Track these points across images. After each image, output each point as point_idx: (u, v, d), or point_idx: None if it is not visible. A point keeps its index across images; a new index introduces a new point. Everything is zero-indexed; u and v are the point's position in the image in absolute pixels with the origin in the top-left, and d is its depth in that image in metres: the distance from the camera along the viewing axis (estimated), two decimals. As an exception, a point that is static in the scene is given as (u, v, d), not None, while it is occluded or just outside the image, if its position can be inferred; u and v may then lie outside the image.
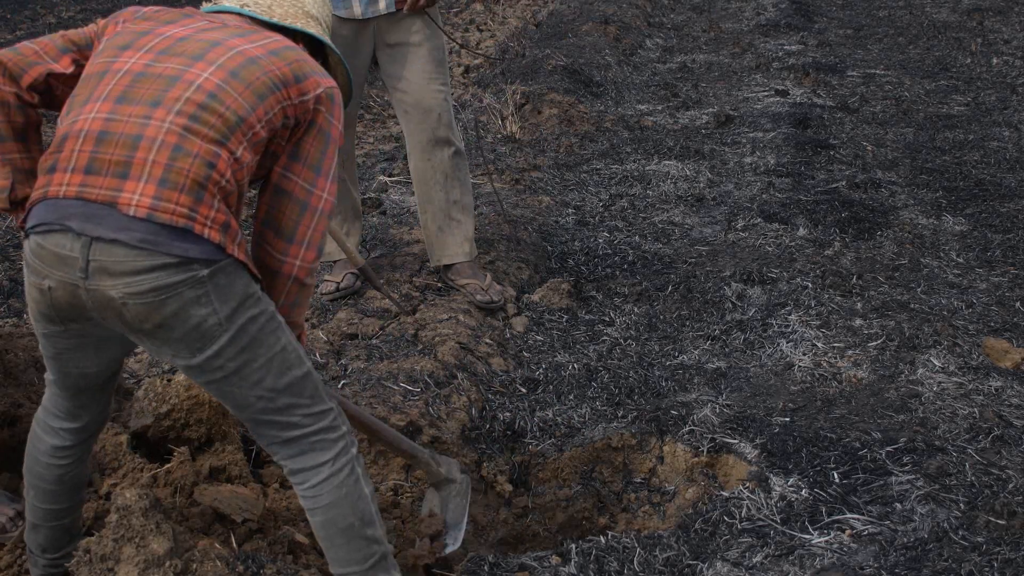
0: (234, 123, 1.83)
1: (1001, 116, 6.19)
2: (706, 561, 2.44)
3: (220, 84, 1.85)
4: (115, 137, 1.79)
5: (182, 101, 1.81)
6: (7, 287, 4.02)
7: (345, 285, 3.76)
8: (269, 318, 1.90)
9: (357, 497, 2.02)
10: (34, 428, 2.11)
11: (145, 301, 1.76)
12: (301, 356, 1.95)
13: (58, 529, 2.13)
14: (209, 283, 1.78)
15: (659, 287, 4.07)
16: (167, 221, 1.74)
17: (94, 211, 1.75)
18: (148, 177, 1.75)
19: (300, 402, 1.95)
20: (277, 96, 1.91)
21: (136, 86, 1.84)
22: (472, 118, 6.23)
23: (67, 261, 1.77)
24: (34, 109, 2.00)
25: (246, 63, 1.90)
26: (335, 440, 2.01)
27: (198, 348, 1.83)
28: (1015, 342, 3.39)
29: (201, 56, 1.89)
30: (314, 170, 1.99)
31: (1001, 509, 2.45)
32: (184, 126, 1.79)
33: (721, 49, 8.57)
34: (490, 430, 3.13)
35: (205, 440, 2.73)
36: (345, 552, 2.04)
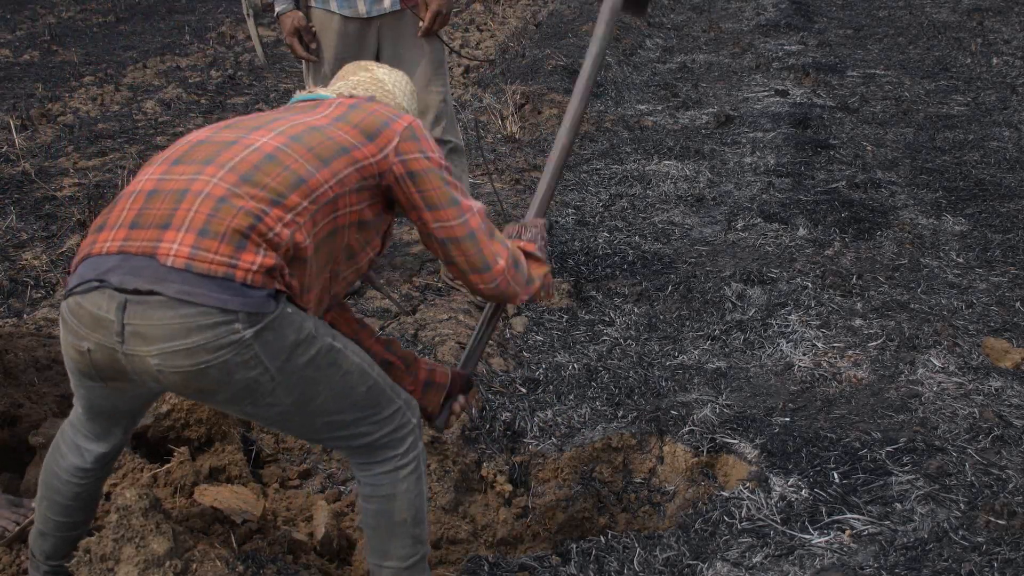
0: (293, 183, 1.81)
1: (1001, 116, 6.19)
2: (706, 561, 2.44)
3: (280, 147, 1.85)
4: (163, 194, 1.77)
5: (236, 160, 1.81)
6: (7, 287, 4.03)
7: (345, 285, 3.76)
8: (327, 352, 1.83)
9: (416, 494, 2.02)
10: (58, 441, 2.06)
11: (183, 369, 1.69)
12: (364, 369, 1.92)
13: (66, 539, 2.13)
14: (256, 343, 1.70)
15: (659, 287, 4.07)
16: (205, 271, 1.67)
17: (134, 264, 1.69)
18: (188, 227, 1.70)
19: (367, 414, 1.94)
20: (346, 159, 1.91)
21: (194, 151, 1.86)
22: (472, 118, 6.24)
23: (103, 323, 1.70)
24: None
25: (308, 130, 1.91)
26: (405, 436, 2.00)
27: (250, 403, 1.79)
28: (1015, 342, 3.39)
29: (262, 126, 1.91)
30: (451, 205, 2.04)
31: (1001, 509, 2.45)
32: (234, 183, 1.76)
33: (721, 49, 8.57)
34: (490, 430, 3.13)
35: (205, 440, 2.73)
36: (390, 546, 2.03)
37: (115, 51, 9.69)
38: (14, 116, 6.74)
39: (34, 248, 4.43)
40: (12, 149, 6.02)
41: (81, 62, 9.16)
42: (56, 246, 4.44)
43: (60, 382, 2.86)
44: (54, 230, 4.65)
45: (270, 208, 1.76)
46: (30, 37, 10.34)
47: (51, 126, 6.73)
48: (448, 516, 2.80)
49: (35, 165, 5.68)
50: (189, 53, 9.38)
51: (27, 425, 2.63)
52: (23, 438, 2.59)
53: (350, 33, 3.46)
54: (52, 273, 4.13)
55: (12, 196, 5.15)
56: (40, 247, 4.44)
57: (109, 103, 7.45)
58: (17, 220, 4.75)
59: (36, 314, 3.65)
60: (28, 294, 3.94)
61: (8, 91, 7.90)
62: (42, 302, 3.85)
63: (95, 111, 7.20)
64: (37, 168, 5.62)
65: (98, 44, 10.10)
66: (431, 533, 2.74)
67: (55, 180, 5.43)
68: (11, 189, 5.27)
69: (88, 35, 10.59)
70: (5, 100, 7.51)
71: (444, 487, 2.83)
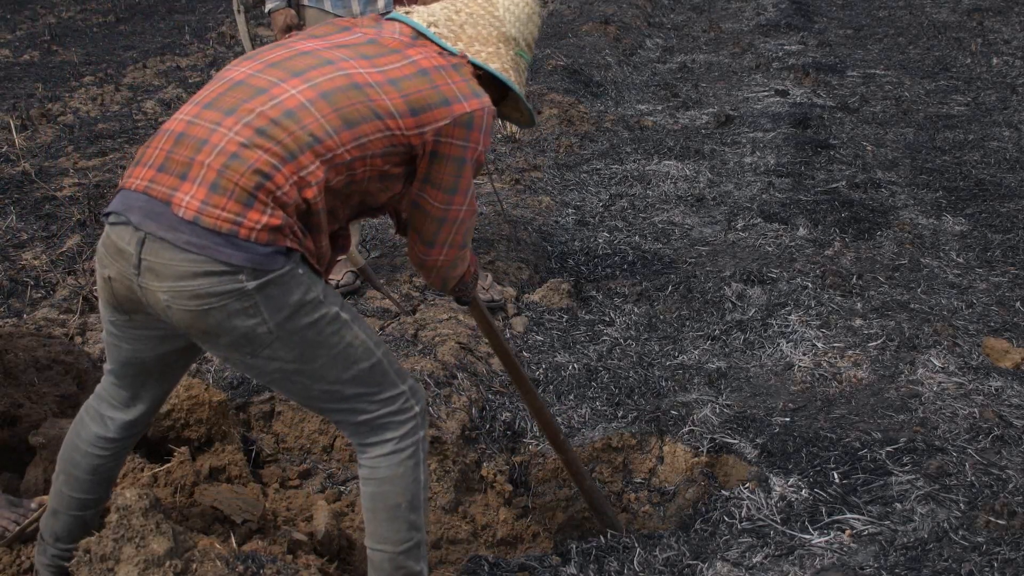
0: (307, 143, 1.82)
1: (1001, 116, 6.19)
2: (706, 561, 2.43)
3: (304, 103, 1.84)
4: (188, 139, 1.82)
5: (255, 114, 1.82)
6: (7, 287, 4.02)
7: (345, 283, 3.77)
8: (331, 319, 1.87)
9: (412, 480, 2.02)
10: (81, 415, 2.11)
11: (188, 308, 1.77)
12: (369, 347, 1.94)
13: (78, 520, 2.13)
14: (258, 295, 1.77)
15: (659, 287, 4.07)
16: (211, 226, 1.74)
17: (153, 207, 1.78)
18: (201, 181, 1.77)
19: (368, 391, 1.95)
20: (376, 124, 1.89)
21: (227, 95, 1.87)
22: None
23: (124, 255, 1.80)
24: None
25: (346, 87, 1.88)
26: (405, 421, 2.01)
27: (249, 352, 1.83)
28: (1015, 342, 3.39)
29: (301, 72, 1.89)
30: (449, 192, 2.03)
31: (1001, 509, 2.45)
32: (248, 137, 1.79)
33: (721, 49, 8.57)
34: (490, 430, 3.13)
35: (205, 440, 2.73)
36: (385, 529, 2.04)
37: (115, 51, 9.69)
38: (14, 116, 6.74)
39: (34, 248, 4.43)
40: (12, 149, 6.02)
41: (81, 62, 9.16)
42: (56, 246, 4.44)
43: (60, 382, 2.86)
44: (54, 230, 4.65)
45: (282, 165, 1.79)
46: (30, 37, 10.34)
47: (51, 126, 6.73)
48: (448, 516, 2.80)
49: (35, 165, 5.68)
50: (189, 53, 9.38)
51: (27, 425, 2.63)
52: (23, 438, 2.59)
53: None
54: (52, 273, 4.13)
55: (12, 196, 5.15)
56: (40, 247, 4.44)
57: (109, 103, 7.45)
58: (17, 220, 4.75)
59: (36, 314, 3.65)
60: (28, 294, 3.93)
61: (8, 91, 7.90)
62: (42, 302, 3.85)
63: (95, 111, 7.20)
64: (37, 168, 5.62)
65: (98, 44, 10.10)
66: (431, 533, 2.74)
67: (55, 180, 5.43)
68: (11, 189, 5.27)
69: (88, 35, 10.59)
70: (5, 100, 7.51)
71: (444, 487, 2.83)
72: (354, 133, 1.87)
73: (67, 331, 3.53)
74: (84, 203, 4.83)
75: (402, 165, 1.99)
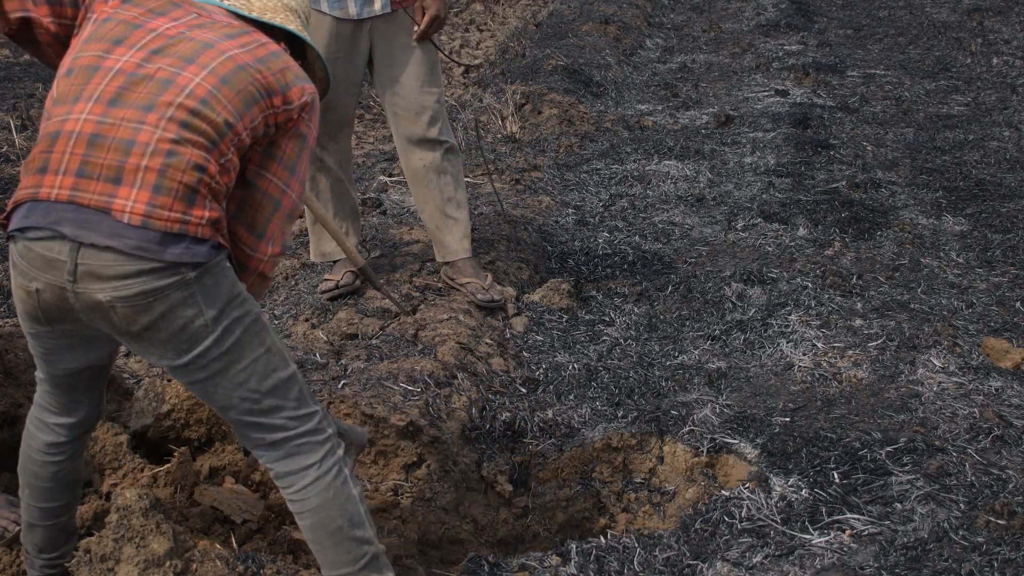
0: (223, 129, 1.85)
1: (1001, 116, 6.19)
2: (706, 561, 2.44)
3: (211, 91, 1.86)
4: (107, 141, 1.79)
5: (174, 107, 1.82)
6: (7, 287, 4.02)
7: (344, 283, 3.77)
8: (254, 320, 1.91)
9: (345, 499, 2.01)
10: (28, 426, 2.11)
11: (133, 304, 1.78)
12: (286, 358, 1.96)
13: (54, 529, 2.13)
14: (196, 284, 1.80)
15: (659, 287, 4.07)
16: (162, 228, 1.75)
17: (87, 217, 1.75)
18: (142, 183, 1.77)
19: (285, 404, 1.95)
20: (261, 105, 1.93)
21: (129, 89, 1.84)
22: (472, 118, 6.24)
23: (55, 264, 1.77)
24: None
25: (236, 70, 1.91)
26: (321, 443, 2.00)
27: (184, 349, 1.84)
28: (1015, 342, 3.39)
29: (193, 59, 1.89)
30: (289, 170, 2.02)
31: (1001, 509, 2.45)
32: (177, 132, 1.81)
33: (721, 49, 8.57)
34: (490, 430, 3.13)
35: (205, 440, 2.73)
36: (335, 554, 2.04)
37: (115, 51, 9.67)
38: (14, 116, 6.74)
39: (34, 248, 4.43)
40: (12, 149, 6.02)
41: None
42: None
43: (60, 382, 2.86)
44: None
45: (209, 156, 1.83)
46: (30, 37, 10.33)
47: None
48: (448, 516, 2.80)
49: (35, 165, 5.67)
50: (189, 53, 9.38)
51: (27, 425, 2.63)
52: (23, 438, 2.59)
53: (342, 34, 3.45)
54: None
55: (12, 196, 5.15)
56: (40, 247, 4.44)
57: (109, 103, 7.44)
58: (17, 220, 4.75)
59: (36, 314, 3.65)
60: (28, 294, 3.93)
61: (8, 91, 7.90)
62: (42, 302, 3.85)
63: (95, 111, 7.19)
64: (37, 168, 5.61)
65: (98, 44, 10.08)
66: (431, 533, 2.74)
67: (55, 180, 5.43)
68: (11, 189, 5.27)
69: (88, 35, 10.58)
70: (5, 100, 7.51)
71: (444, 487, 2.83)
72: (251, 116, 1.91)
73: (67, 331, 3.53)
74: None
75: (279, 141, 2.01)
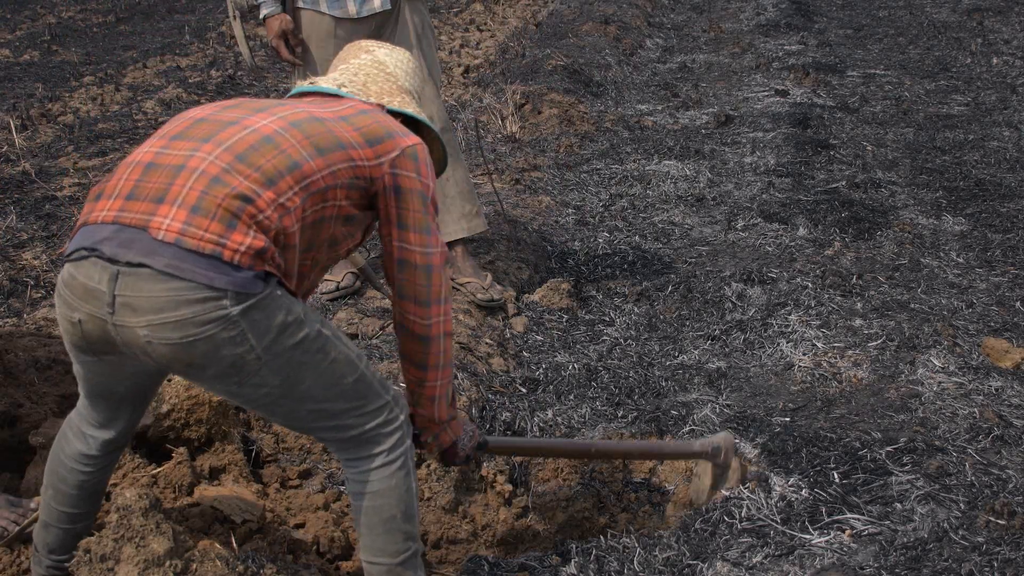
0: (286, 167, 1.82)
1: (1001, 116, 6.19)
2: (706, 561, 2.43)
3: (279, 131, 1.86)
4: (160, 168, 1.80)
5: (234, 140, 1.82)
6: (7, 287, 4.03)
7: (345, 284, 3.77)
8: (315, 337, 1.85)
9: (405, 490, 2.01)
10: (64, 429, 2.09)
11: (171, 341, 1.72)
12: (352, 360, 1.93)
13: (69, 533, 2.13)
14: (243, 321, 1.73)
15: (659, 287, 4.07)
16: (194, 247, 1.70)
17: (127, 235, 1.73)
18: (182, 203, 1.74)
19: (355, 405, 1.94)
20: (343, 154, 1.92)
21: (194, 127, 1.87)
22: (472, 118, 6.23)
23: (95, 294, 1.73)
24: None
25: (310, 119, 1.92)
26: (392, 432, 2.00)
27: (236, 381, 1.81)
28: (1015, 342, 3.39)
29: (265, 109, 1.91)
30: (424, 232, 2.04)
31: (1001, 509, 2.45)
32: (229, 162, 1.79)
33: (721, 49, 8.57)
34: (490, 430, 3.13)
35: (205, 440, 2.73)
36: (381, 542, 2.03)
37: (115, 51, 9.69)
38: (14, 116, 6.74)
39: (34, 248, 4.43)
40: (12, 149, 6.02)
41: (81, 62, 9.16)
42: (56, 246, 4.44)
43: (60, 382, 2.86)
44: (54, 230, 4.65)
45: (262, 190, 1.79)
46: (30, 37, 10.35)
47: (51, 126, 6.73)
48: (448, 516, 2.80)
49: (35, 165, 5.68)
50: (189, 53, 9.39)
51: (27, 425, 2.63)
52: (23, 438, 2.59)
53: (340, 35, 3.45)
54: (52, 273, 4.13)
55: (12, 196, 5.15)
56: (40, 247, 4.44)
57: (109, 103, 7.45)
58: (17, 220, 4.75)
59: (36, 314, 3.65)
60: (28, 294, 3.94)
61: (8, 91, 7.90)
62: (42, 302, 3.85)
63: (95, 111, 7.20)
64: (37, 168, 5.62)
65: (98, 44, 10.10)
66: (431, 533, 2.74)
67: (55, 180, 5.43)
68: (11, 189, 5.27)
69: (88, 35, 10.59)
70: (5, 100, 7.51)
71: (444, 487, 2.83)
72: (326, 160, 1.89)
73: (67, 331, 3.53)
74: (84, 203, 4.83)
75: (363, 207, 2.01)
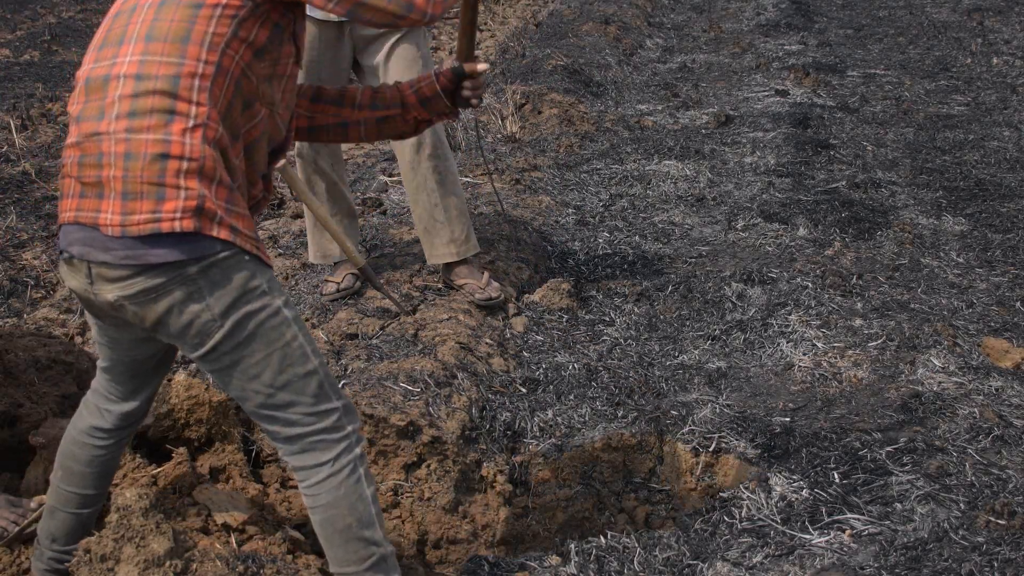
0: (171, 86, 1.79)
1: (1001, 116, 6.19)
2: (706, 561, 2.44)
3: (142, 60, 1.82)
4: (87, 159, 1.83)
5: (116, 98, 1.81)
6: (7, 287, 4.02)
7: (345, 286, 3.77)
8: (272, 313, 1.88)
9: (356, 498, 2.01)
10: (80, 409, 2.15)
11: (137, 301, 1.82)
12: (307, 353, 1.93)
13: (75, 519, 2.14)
14: (202, 279, 1.80)
15: (659, 287, 4.07)
16: (136, 232, 1.77)
17: (87, 234, 1.82)
18: (115, 194, 1.79)
19: (300, 400, 1.94)
20: (203, 15, 1.83)
21: (88, 100, 1.86)
22: (472, 118, 6.23)
23: (79, 269, 1.86)
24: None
25: (156, 17, 1.84)
26: (337, 440, 1.99)
27: (196, 343, 1.86)
28: (1015, 342, 3.39)
29: (123, 38, 1.86)
30: None
31: (1001, 509, 2.45)
32: (127, 127, 1.79)
33: (721, 49, 8.57)
34: (490, 430, 3.13)
35: (205, 440, 2.73)
36: (342, 552, 2.04)
37: (115, 51, 9.67)
38: (14, 116, 6.74)
39: (34, 248, 4.43)
40: (12, 149, 6.02)
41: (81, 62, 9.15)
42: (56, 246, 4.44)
43: (60, 382, 2.87)
44: (54, 230, 4.65)
45: (168, 131, 1.78)
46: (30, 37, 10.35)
47: (51, 126, 6.73)
48: (448, 516, 2.80)
49: (35, 165, 5.68)
50: (189, 53, 9.37)
51: (27, 425, 2.63)
52: (23, 438, 2.59)
53: (325, 37, 3.42)
54: (52, 273, 4.13)
55: (12, 196, 5.15)
56: (40, 247, 4.44)
57: (109, 103, 7.44)
58: (17, 220, 4.75)
59: (36, 314, 3.65)
60: (28, 294, 3.94)
61: (8, 91, 7.90)
62: (42, 302, 3.85)
63: (95, 111, 7.19)
64: (37, 168, 5.62)
65: (98, 44, 10.08)
66: (431, 533, 2.74)
67: (55, 180, 5.43)
68: (11, 189, 5.27)
69: (88, 35, 10.58)
70: (5, 100, 7.51)
71: (444, 487, 2.83)
72: (195, 42, 1.82)
73: (67, 331, 3.53)
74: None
75: (263, 27, 1.90)
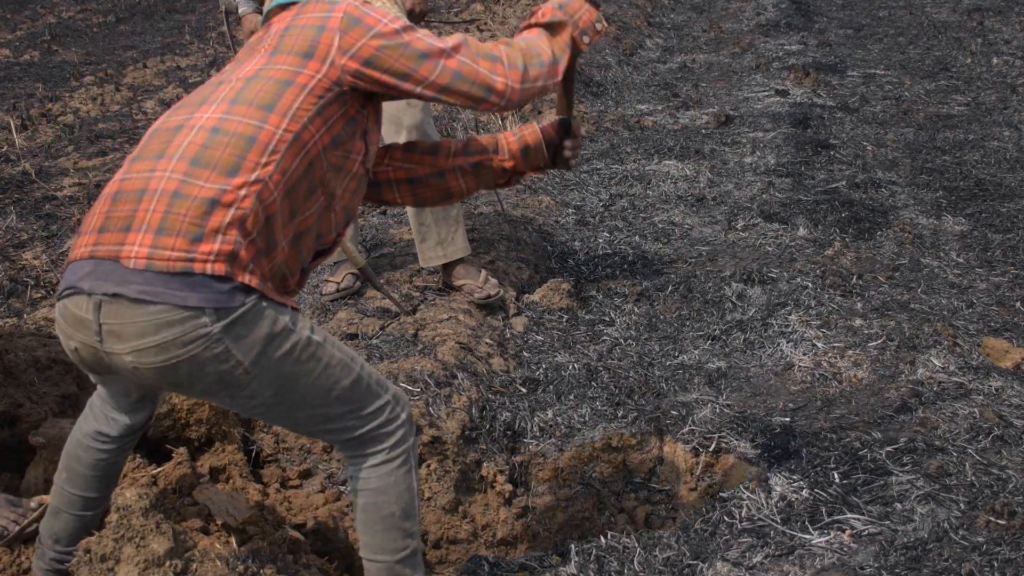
0: (244, 147, 1.79)
1: (1001, 116, 6.19)
2: (706, 561, 2.43)
3: (223, 117, 1.83)
4: (125, 195, 1.79)
5: (184, 145, 1.80)
6: (7, 287, 4.03)
7: (345, 286, 3.77)
8: (304, 345, 1.84)
9: (404, 488, 2.01)
10: (86, 411, 2.12)
11: (155, 365, 1.73)
12: (347, 363, 1.92)
13: (78, 520, 2.14)
14: (226, 338, 1.73)
15: (659, 287, 4.07)
16: (164, 268, 1.69)
17: (102, 268, 1.73)
18: (147, 227, 1.73)
19: (353, 408, 1.94)
20: (291, 91, 1.86)
21: (149, 143, 1.86)
22: (472, 118, 6.23)
23: (84, 324, 1.76)
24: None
25: (246, 85, 1.88)
26: (393, 431, 1.99)
27: (228, 395, 1.81)
28: (1015, 342, 3.39)
29: (206, 100, 1.89)
30: (422, 60, 1.94)
31: (1001, 509, 2.45)
32: (185, 171, 1.77)
33: (721, 49, 8.57)
34: (490, 430, 3.13)
35: (205, 440, 2.73)
36: (380, 539, 2.04)
37: (115, 51, 9.70)
38: (14, 116, 6.74)
39: (34, 248, 4.43)
40: (12, 149, 6.02)
41: (81, 62, 9.16)
42: (56, 246, 4.44)
43: (60, 382, 2.86)
44: (54, 230, 4.65)
45: (227, 182, 1.76)
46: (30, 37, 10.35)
47: (51, 126, 6.73)
48: (448, 516, 2.80)
49: (35, 165, 5.68)
50: (189, 53, 9.38)
51: (27, 425, 2.63)
52: (23, 438, 2.59)
53: None
54: (52, 273, 4.13)
55: (12, 196, 5.16)
56: (40, 247, 4.44)
57: (109, 103, 7.45)
58: (17, 220, 4.75)
59: (36, 314, 3.65)
60: (28, 294, 3.94)
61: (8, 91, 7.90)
62: (42, 302, 3.85)
63: (95, 111, 7.20)
64: (37, 168, 5.62)
65: (98, 44, 10.10)
66: (431, 533, 2.74)
67: (55, 180, 5.44)
68: (11, 189, 5.27)
69: (88, 35, 10.59)
70: (5, 100, 7.51)
71: (444, 487, 2.83)
72: (279, 112, 1.84)
73: (67, 331, 3.52)
74: (84, 203, 4.84)
75: (342, 117, 1.93)
